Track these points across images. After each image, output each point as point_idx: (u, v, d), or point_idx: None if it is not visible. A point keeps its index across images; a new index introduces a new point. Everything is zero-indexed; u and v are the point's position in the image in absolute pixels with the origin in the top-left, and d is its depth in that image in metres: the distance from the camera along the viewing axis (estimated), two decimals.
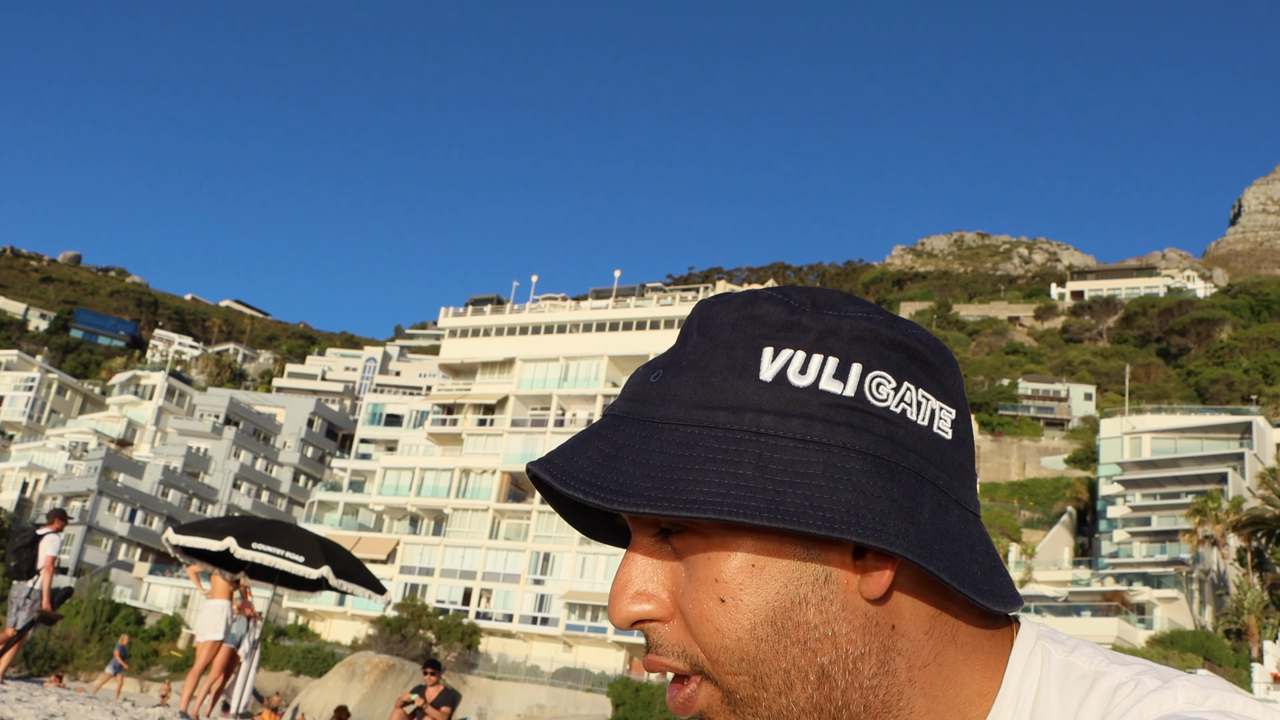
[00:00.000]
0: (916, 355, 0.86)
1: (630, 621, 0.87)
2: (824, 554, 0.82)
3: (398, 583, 78.51)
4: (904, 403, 0.84)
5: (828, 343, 0.84)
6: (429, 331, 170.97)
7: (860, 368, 0.83)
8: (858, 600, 0.82)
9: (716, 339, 0.86)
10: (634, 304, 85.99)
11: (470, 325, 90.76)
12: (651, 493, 0.80)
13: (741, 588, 0.81)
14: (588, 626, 73.04)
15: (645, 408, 0.86)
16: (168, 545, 15.02)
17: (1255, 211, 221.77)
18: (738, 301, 0.88)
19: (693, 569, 0.84)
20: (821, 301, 0.87)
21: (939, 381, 0.87)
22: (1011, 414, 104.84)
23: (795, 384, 0.82)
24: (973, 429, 0.91)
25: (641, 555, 0.87)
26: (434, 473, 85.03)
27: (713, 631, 0.82)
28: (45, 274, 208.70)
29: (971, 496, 0.88)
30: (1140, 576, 71.82)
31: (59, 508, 15.59)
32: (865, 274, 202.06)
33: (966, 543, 0.84)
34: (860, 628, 0.82)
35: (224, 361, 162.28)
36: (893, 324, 0.87)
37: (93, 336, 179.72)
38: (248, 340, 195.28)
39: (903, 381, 0.84)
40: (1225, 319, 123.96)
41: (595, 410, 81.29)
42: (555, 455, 0.86)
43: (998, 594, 0.84)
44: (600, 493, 0.81)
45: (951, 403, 0.87)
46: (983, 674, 0.86)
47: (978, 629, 0.87)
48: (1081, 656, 0.86)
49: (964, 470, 0.87)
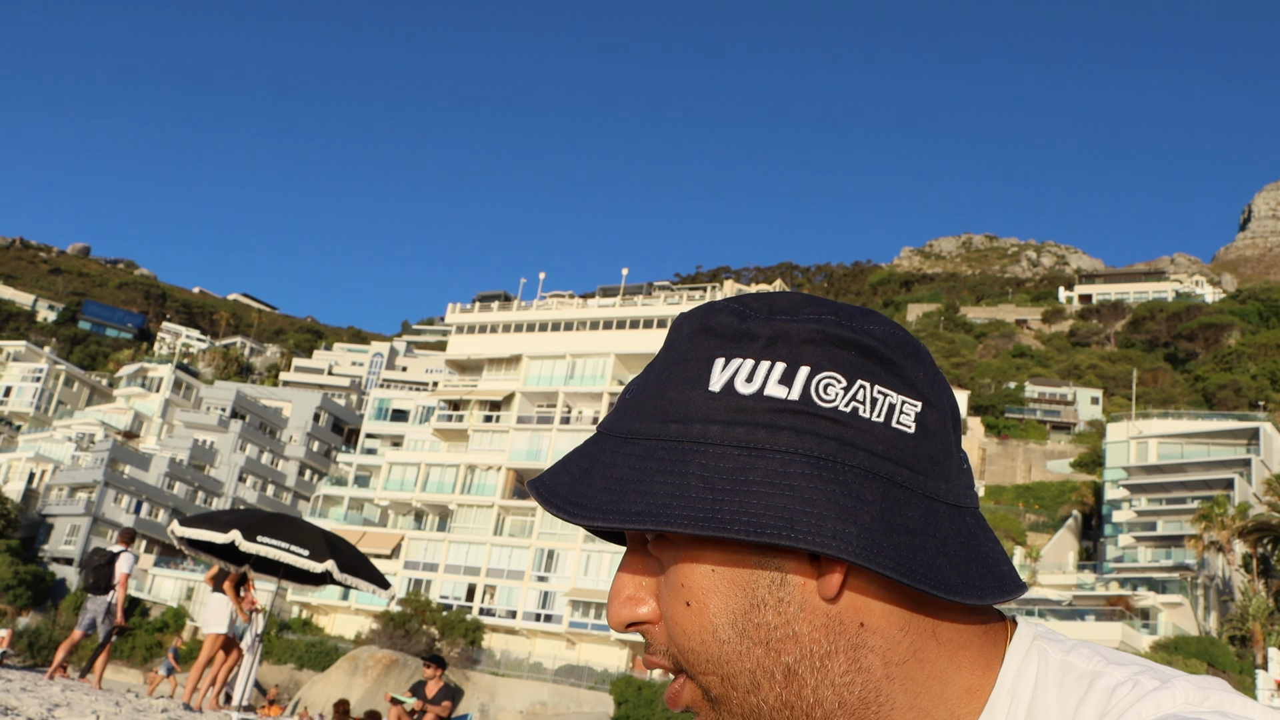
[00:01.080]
0: (871, 352, 0.86)
1: (623, 624, 0.90)
2: (778, 558, 0.83)
3: (402, 578, 78.58)
4: (855, 400, 0.84)
5: (776, 349, 0.85)
6: (436, 327, 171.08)
7: (808, 370, 0.84)
8: (816, 600, 0.83)
9: (675, 352, 0.89)
10: (641, 302, 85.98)
11: (477, 322, 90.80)
12: (608, 506, 0.83)
13: (705, 592, 0.84)
14: (591, 624, 73.07)
15: (618, 422, 0.89)
16: (173, 537, 15.06)
17: (1265, 217, 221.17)
18: (698, 314, 0.90)
19: (667, 575, 0.87)
20: (778, 307, 0.88)
21: (900, 375, 0.86)
22: (1018, 417, 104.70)
23: (741, 392, 0.84)
24: (951, 420, 0.90)
25: (632, 561, 0.90)
26: (439, 468, 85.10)
27: (682, 634, 0.85)
28: (54, 265, 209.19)
29: (949, 488, 0.86)
30: (1145, 581, 71.73)
31: (129, 527, 16.01)
32: (873, 275, 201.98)
33: (934, 536, 0.83)
34: (823, 626, 0.83)
35: (231, 355, 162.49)
36: (846, 322, 0.87)
37: (101, 328, 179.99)
38: (255, 334, 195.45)
39: (855, 379, 0.84)
40: (1234, 324, 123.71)
41: (601, 408, 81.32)
42: (548, 473, 0.89)
43: (971, 586, 0.82)
44: (570, 507, 0.84)
45: (916, 395, 0.86)
46: (971, 671, 0.87)
47: (963, 625, 0.87)
48: (1079, 656, 0.86)
49: (934, 462, 0.86)
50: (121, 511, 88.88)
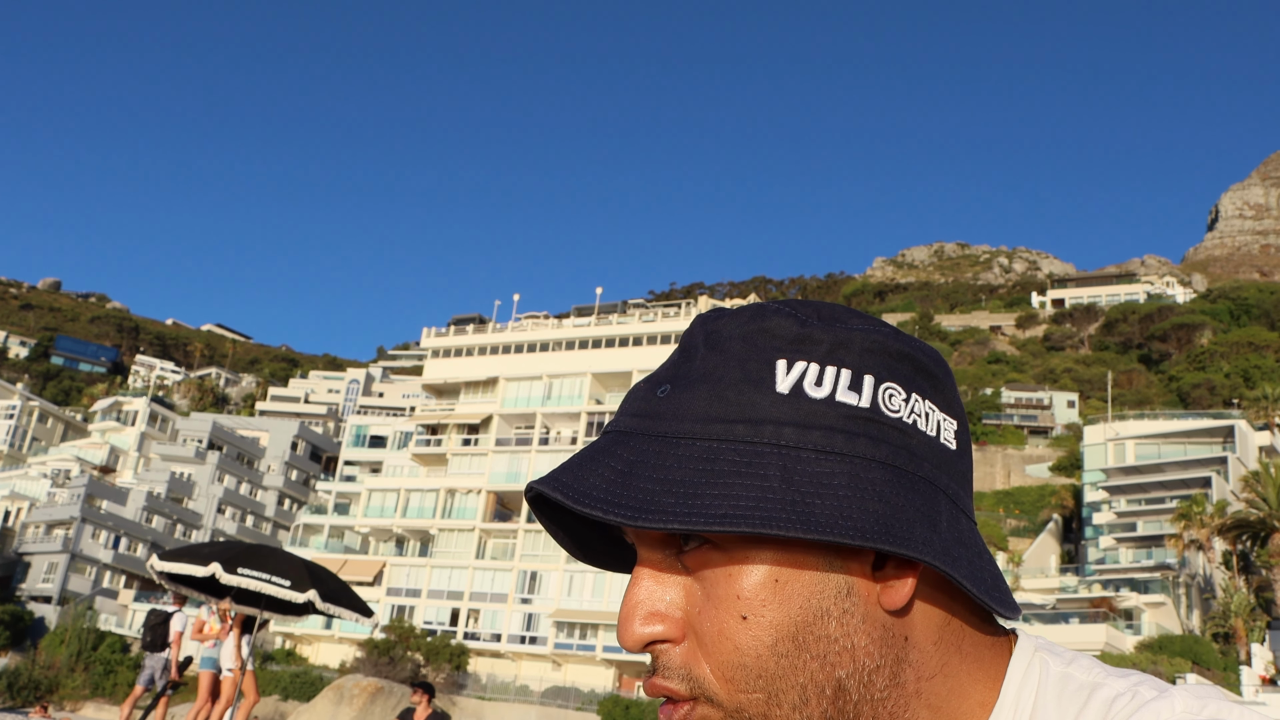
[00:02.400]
0: (922, 367, 0.87)
1: (642, 644, 0.84)
2: (846, 565, 0.81)
3: (385, 605, 78.20)
4: (914, 413, 0.84)
5: (840, 355, 0.84)
6: (411, 352, 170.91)
7: (873, 379, 0.84)
8: (878, 612, 0.82)
9: (727, 352, 0.85)
10: (616, 321, 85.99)
11: (453, 345, 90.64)
12: (676, 508, 0.78)
13: (764, 604, 0.80)
14: (576, 645, 72.85)
15: (655, 423, 0.84)
16: (152, 572, 14.96)
17: (1232, 217, 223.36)
18: (745, 315, 0.88)
19: (709, 586, 0.82)
20: (828, 315, 0.87)
21: (942, 393, 0.87)
22: (995, 423, 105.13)
23: (812, 396, 0.82)
24: (970, 441, 0.92)
25: (651, 574, 0.85)
26: (419, 493, 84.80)
27: (731, 649, 0.81)
28: (25, 301, 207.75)
29: (972, 507, 0.89)
30: (1127, 582, 72.03)
31: (180, 590, 16.09)
32: (846, 286, 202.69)
33: (977, 550, 0.85)
34: (879, 640, 0.81)
35: (206, 386, 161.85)
36: (898, 336, 0.87)
37: (74, 363, 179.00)
38: (230, 364, 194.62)
39: (911, 393, 0.85)
40: (1205, 324, 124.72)
41: (579, 428, 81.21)
42: (562, 474, 0.84)
43: (1007, 602, 0.84)
44: (620, 510, 0.79)
45: (953, 414, 0.88)
46: (984, 685, 0.86)
47: (981, 638, 0.88)
48: (1079, 668, 0.86)
49: (967, 480, 0.88)
50: (100, 547, 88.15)
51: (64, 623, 71.20)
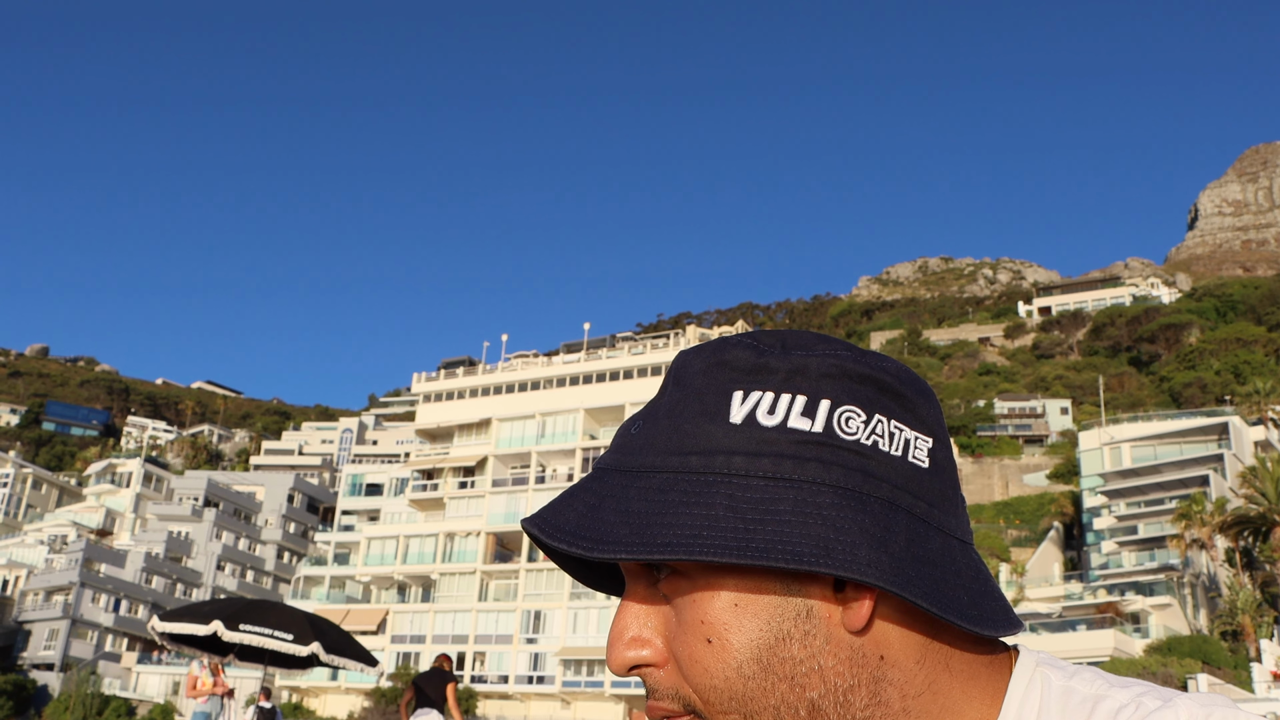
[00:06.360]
0: (887, 388, 0.87)
1: (626, 667, 0.88)
2: (804, 589, 0.82)
3: (390, 652, 77.78)
4: (875, 434, 0.85)
5: (795, 382, 0.85)
6: (403, 398, 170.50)
7: (829, 404, 0.84)
8: (841, 633, 0.82)
9: (689, 387, 0.88)
10: (606, 355, 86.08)
11: (444, 389, 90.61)
12: (629, 539, 0.81)
13: (726, 627, 0.82)
14: (584, 682, 72.48)
15: (626, 458, 0.88)
16: (154, 633, 14.88)
17: (1211, 214, 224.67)
18: (709, 350, 0.90)
19: (680, 612, 0.85)
20: (791, 343, 0.89)
21: (913, 412, 0.87)
22: (990, 434, 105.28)
23: (764, 424, 0.84)
24: (954, 457, 0.92)
25: (635, 602, 0.88)
26: (418, 539, 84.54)
27: (702, 672, 0.83)
28: (13, 368, 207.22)
29: (957, 524, 0.88)
30: (1132, 586, 71.85)
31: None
32: (833, 307, 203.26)
33: (950, 569, 0.84)
34: (846, 660, 0.82)
35: (199, 443, 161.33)
36: (862, 359, 0.88)
37: (65, 428, 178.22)
38: (222, 420, 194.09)
39: (874, 414, 0.85)
40: (1192, 323, 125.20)
41: (575, 464, 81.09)
42: (546, 510, 0.88)
43: (987, 619, 0.84)
44: (583, 542, 0.83)
45: (927, 432, 0.88)
46: (980, 702, 0.87)
47: (974, 657, 0.88)
48: (1081, 681, 0.86)
49: (944, 498, 0.88)
50: (100, 611, 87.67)
51: (67, 689, 70.70)
